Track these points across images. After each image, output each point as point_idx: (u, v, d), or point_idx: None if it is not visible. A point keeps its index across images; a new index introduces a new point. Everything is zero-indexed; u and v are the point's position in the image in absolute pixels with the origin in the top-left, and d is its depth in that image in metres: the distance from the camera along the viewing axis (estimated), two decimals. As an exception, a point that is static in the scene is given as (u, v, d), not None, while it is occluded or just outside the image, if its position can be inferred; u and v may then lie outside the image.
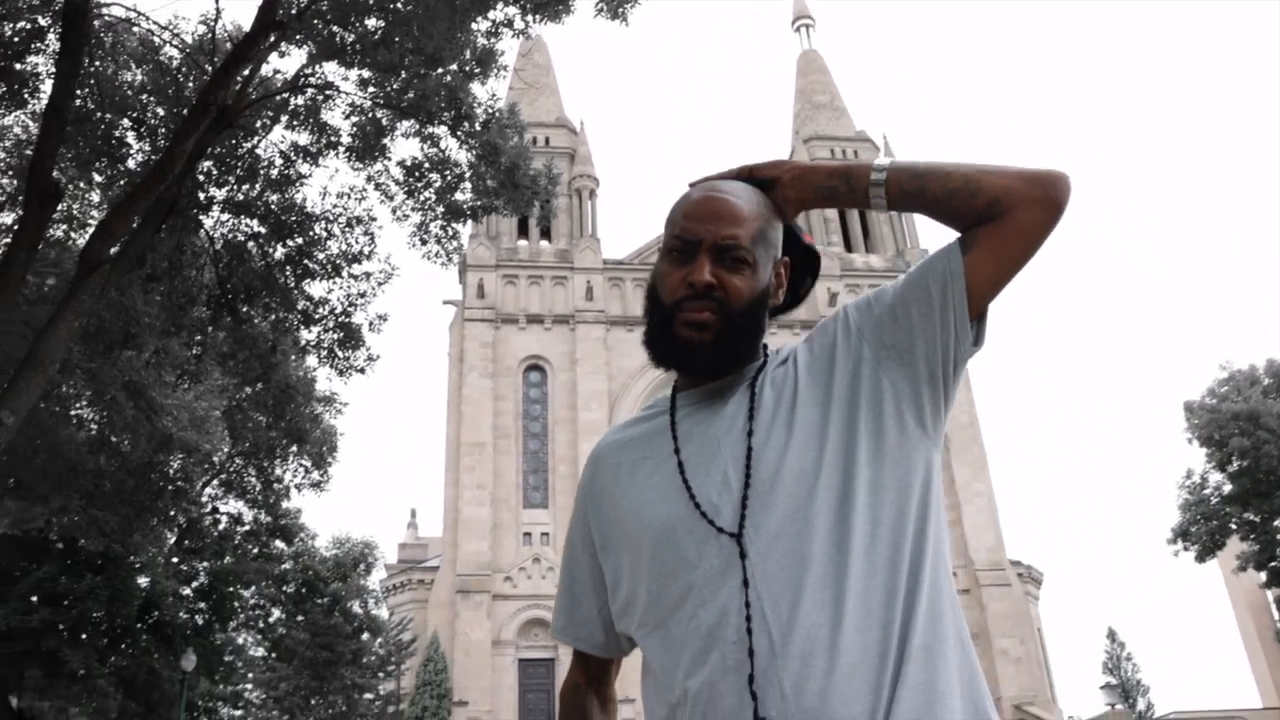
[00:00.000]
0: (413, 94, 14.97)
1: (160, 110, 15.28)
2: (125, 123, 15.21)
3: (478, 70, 15.07)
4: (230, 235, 16.00)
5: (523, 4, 14.60)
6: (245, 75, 13.81)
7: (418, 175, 16.00)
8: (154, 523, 20.50)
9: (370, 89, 15.39)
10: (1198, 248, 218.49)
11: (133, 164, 15.42)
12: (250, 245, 15.98)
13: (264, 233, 15.97)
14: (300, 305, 16.43)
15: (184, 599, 28.98)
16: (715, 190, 1.53)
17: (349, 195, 16.24)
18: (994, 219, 1.40)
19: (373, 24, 14.11)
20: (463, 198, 16.21)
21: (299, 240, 16.02)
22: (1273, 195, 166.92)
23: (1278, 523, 33.72)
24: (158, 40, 15.26)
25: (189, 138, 12.47)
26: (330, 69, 15.25)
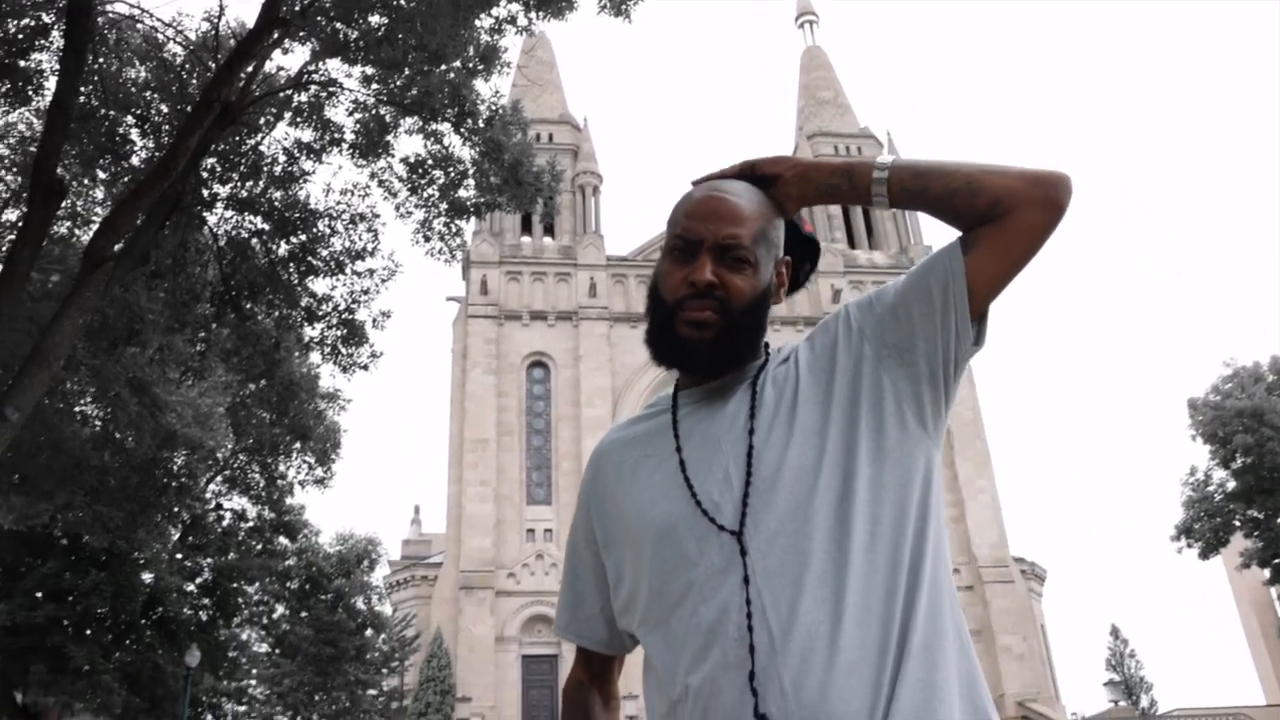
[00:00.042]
0: (416, 91, 14.98)
1: (164, 107, 15.30)
2: (129, 120, 15.22)
3: (481, 67, 15.06)
4: (234, 232, 16.01)
5: (526, 0, 14.60)
6: (249, 72, 13.82)
7: (421, 172, 16.00)
8: (158, 519, 20.53)
9: (374, 86, 15.40)
10: (1202, 244, 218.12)
11: (137, 161, 15.44)
12: (254, 242, 15.99)
13: (267, 229, 15.99)
14: (304, 302, 16.45)
15: (188, 595, 29.02)
16: (717, 190, 1.54)
17: (352, 192, 16.26)
18: (995, 219, 1.40)
19: (376, 21, 14.11)
20: (466, 194, 16.21)
21: (302, 237, 16.04)
22: (1278, 192, 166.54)
23: (1281, 520, 33.70)
24: (161, 37, 15.27)
25: (193, 135, 12.48)
26: (334, 66, 15.27)
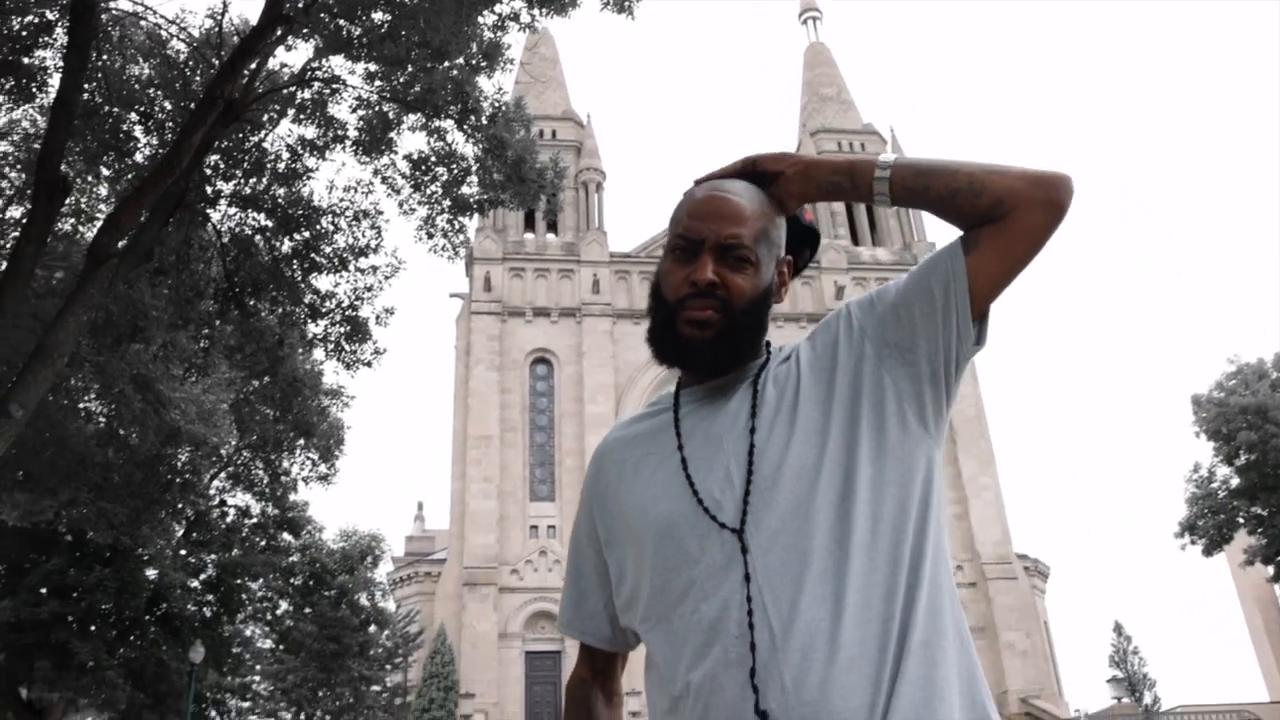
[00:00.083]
0: (419, 88, 14.97)
1: (167, 104, 15.31)
2: (133, 117, 15.23)
3: (484, 64, 15.05)
4: (237, 229, 16.02)
5: (529, -3, 14.59)
6: (252, 69, 13.82)
7: (424, 169, 16.00)
8: (162, 515, 20.55)
9: (377, 83, 15.39)
10: (1206, 241, 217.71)
11: (140, 158, 15.45)
12: (257, 239, 16.00)
13: (271, 226, 15.99)
14: (307, 299, 16.46)
15: (192, 591, 29.07)
16: (719, 190, 1.55)
17: (355, 189, 16.26)
18: (997, 219, 1.41)
19: (379, 17, 14.09)
20: (469, 191, 16.20)
21: (306, 234, 16.05)
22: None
23: (1285, 517, 33.63)
24: (165, 34, 15.29)
25: (196, 131, 12.50)
26: (337, 63, 15.26)
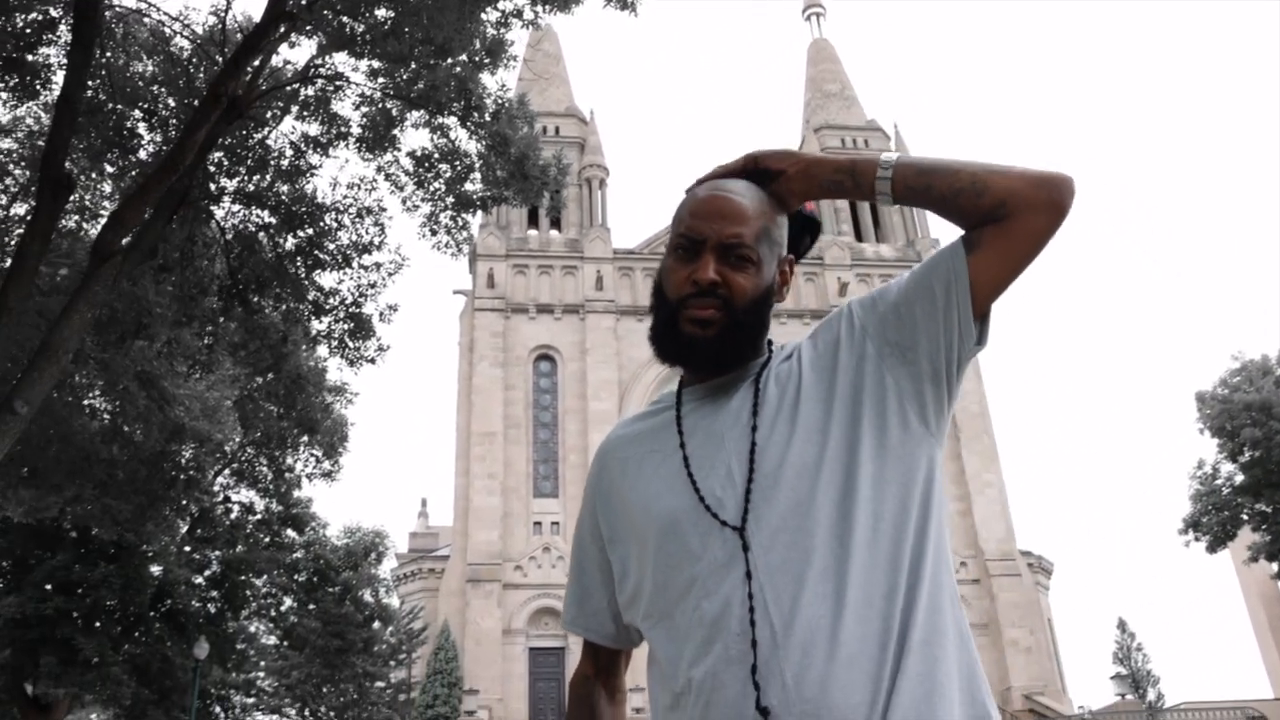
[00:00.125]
0: (422, 84, 14.96)
1: (171, 101, 15.32)
2: (136, 114, 15.24)
3: (487, 60, 15.04)
4: (241, 226, 16.04)
5: (532, -6, 14.57)
6: (255, 66, 13.83)
7: (427, 166, 16.00)
8: (166, 512, 20.58)
9: (380, 80, 15.39)
10: (1211, 237, 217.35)
11: (144, 155, 15.46)
12: (261, 236, 16.01)
13: (274, 223, 16.01)
14: (311, 296, 16.47)
15: (196, 587, 29.14)
16: (721, 189, 1.55)
17: (359, 186, 16.26)
18: (999, 220, 1.42)
19: (382, 14, 14.09)
20: (472, 188, 16.21)
21: (309, 231, 16.05)
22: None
23: (1289, 513, 33.59)
24: (168, 31, 15.29)
25: (200, 129, 12.51)
26: (340, 59, 15.26)
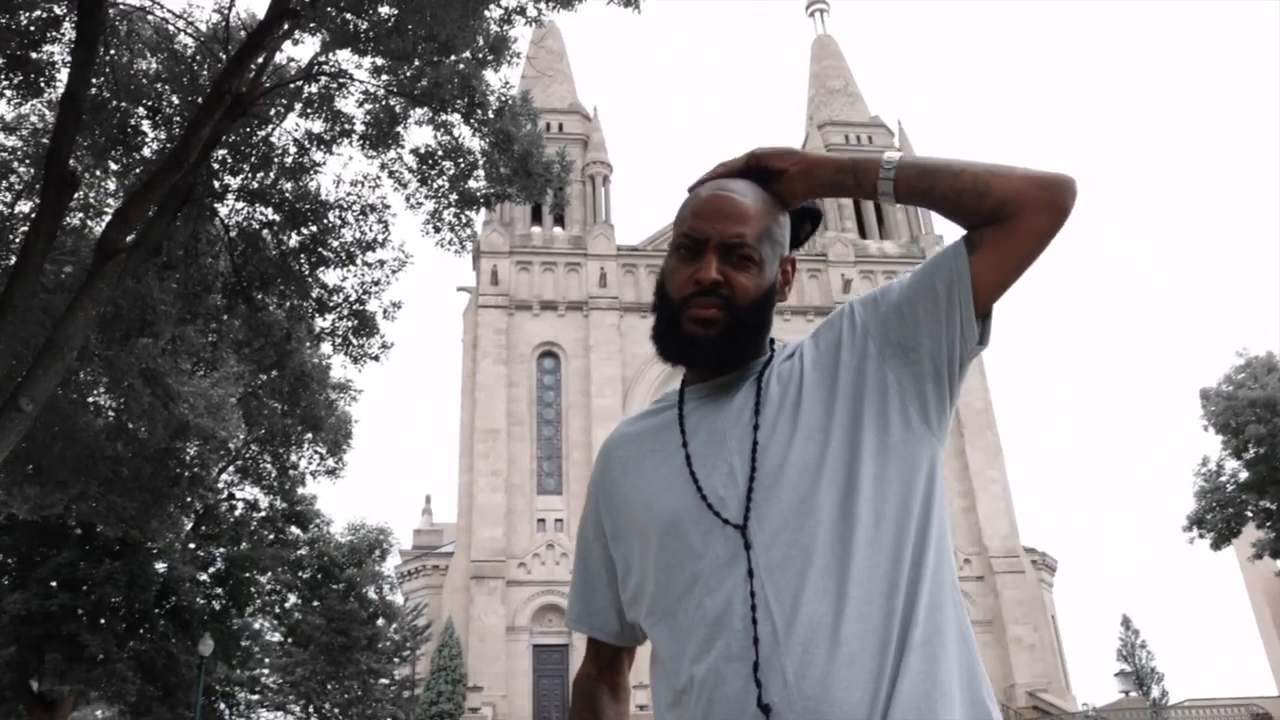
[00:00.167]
0: (426, 82, 14.96)
1: (175, 99, 15.33)
2: (141, 111, 15.25)
3: (491, 57, 15.03)
4: (245, 223, 16.06)
5: (535, -9, 14.56)
6: (259, 63, 13.84)
7: (431, 163, 16.00)
8: (171, 509, 20.61)
9: (383, 77, 15.39)
10: (1216, 234, 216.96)
11: (148, 152, 15.48)
12: (265, 233, 16.03)
13: (278, 221, 16.02)
14: (315, 293, 16.49)
15: (201, 584, 29.20)
16: (723, 189, 1.56)
17: (363, 183, 16.28)
18: (1001, 221, 1.42)
19: (386, 11, 14.08)
20: (476, 185, 16.21)
21: (313, 228, 16.07)
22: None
23: (1294, 510, 33.53)
24: (172, 28, 15.30)
25: (204, 126, 12.52)
26: (344, 57, 15.26)
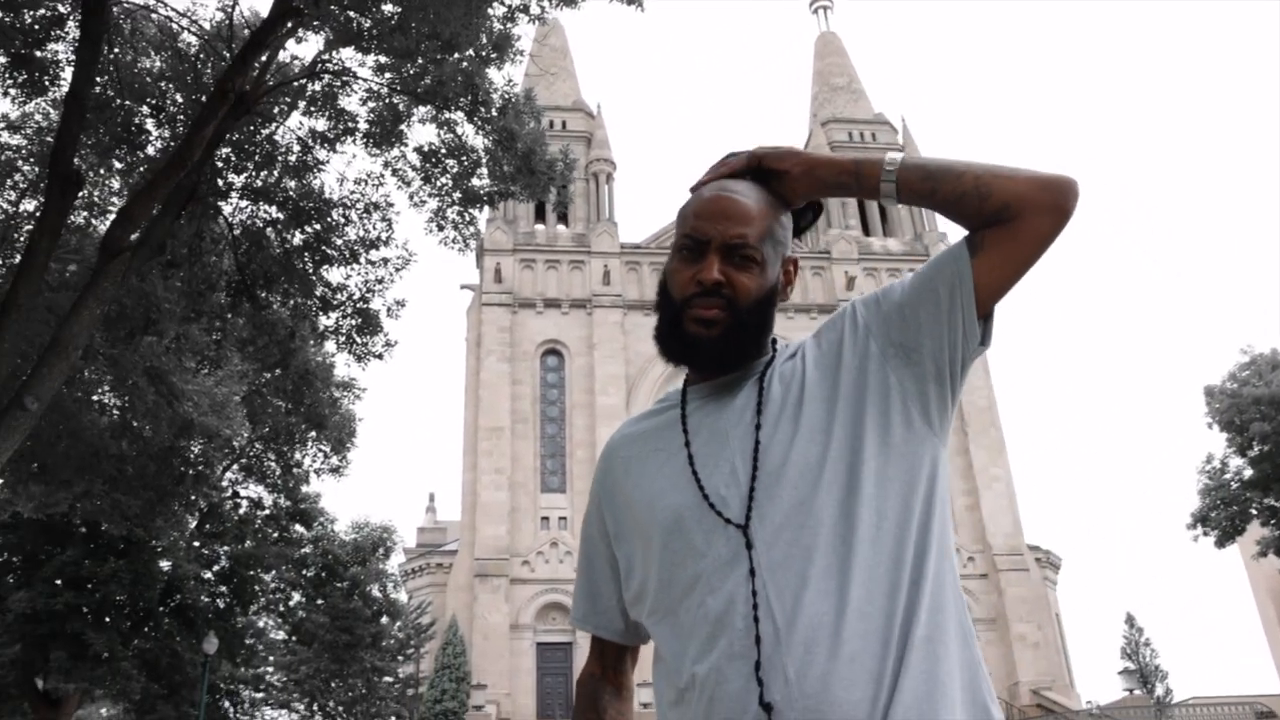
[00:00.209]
0: (429, 80, 14.96)
1: (179, 97, 15.35)
2: (145, 110, 15.27)
3: (494, 55, 15.03)
4: (249, 222, 16.08)
5: (538, -12, 14.56)
6: (263, 62, 13.86)
7: (434, 161, 16.01)
8: (175, 507, 20.63)
9: (387, 75, 15.40)
10: (1220, 231, 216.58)
11: (152, 151, 15.50)
12: (269, 231, 16.05)
13: (282, 219, 16.04)
14: (318, 291, 16.51)
15: (205, 583, 29.26)
16: (725, 190, 1.56)
17: (366, 181, 16.29)
18: (1003, 223, 1.43)
19: (389, 9, 14.07)
20: (479, 183, 16.22)
21: (317, 226, 16.08)
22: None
23: (1298, 508, 33.48)
24: (176, 27, 15.32)
25: (208, 124, 12.54)
26: (347, 55, 15.27)
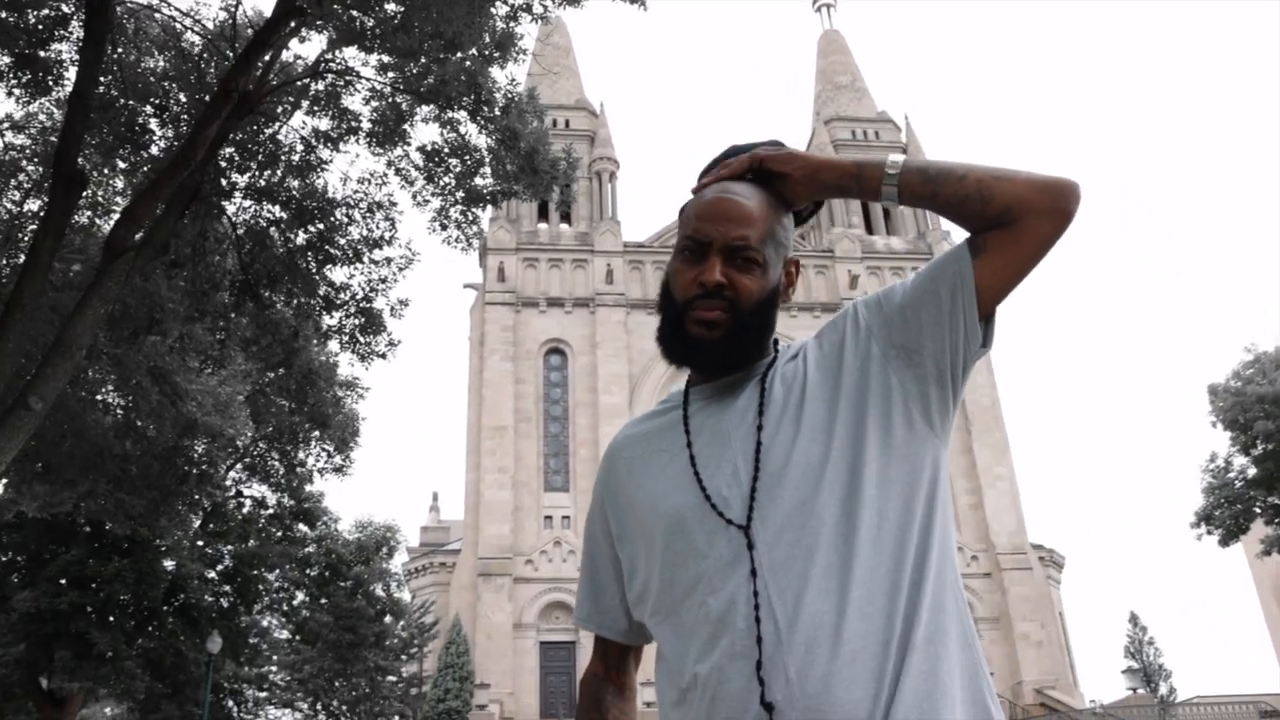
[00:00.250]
0: (432, 79, 14.96)
1: (182, 97, 15.36)
2: (148, 110, 15.29)
3: (497, 54, 15.03)
4: (252, 221, 16.09)
5: (542, -13, 14.56)
6: (266, 61, 13.87)
7: (437, 160, 16.01)
8: (179, 506, 20.66)
9: (390, 74, 15.41)
10: (1224, 230, 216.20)
11: (156, 150, 15.52)
12: (272, 231, 16.06)
13: (285, 219, 16.05)
14: (322, 291, 16.52)
15: (209, 582, 29.27)
16: (727, 191, 1.57)
17: (369, 181, 16.30)
18: (1005, 226, 1.43)
19: (392, 8, 14.07)
20: (482, 183, 16.22)
21: (320, 226, 16.10)
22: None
23: (1302, 506, 33.42)
24: (179, 26, 15.34)
25: (211, 124, 12.55)
26: (350, 54, 15.28)
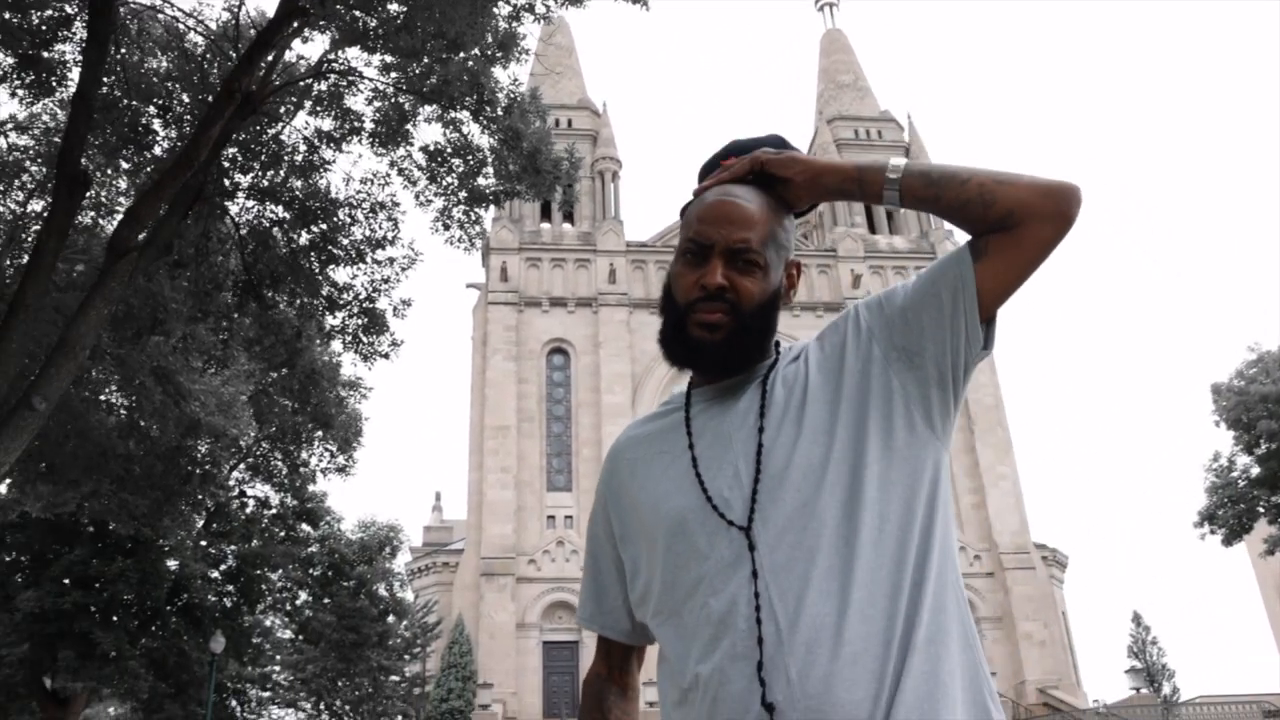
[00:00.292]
0: (435, 79, 14.98)
1: (186, 97, 15.39)
2: (151, 110, 15.32)
3: (499, 54, 15.04)
4: (255, 221, 16.11)
5: (544, -13, 14.57)
6: (269, 61, 13.89)
7: (440, 160, 16.03)
8: (183, 506, 20.70)
9: (392, 74, 15.42)
10: (1228, 229, 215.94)
11: (159, 151, 15.55)
12: (275, 231, 16.08)
13: (288, 219, 16.07)
14: (325, 291, 16.54)
15: (212, 582, 29.31)
16: (728, 194, 1.57)
17: (372, 181, 16.32)
18: (1007, 229, 1.44)
19: (395, 9, 14.09)
20: (485, 183, 16.24)
21: (323, 226, 16.12)
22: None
23: (1306, 506, 33.37)
24: (182, 27, 15.37)
25: (214, 124, 12.57)
26: (353, 54, 15.29)
